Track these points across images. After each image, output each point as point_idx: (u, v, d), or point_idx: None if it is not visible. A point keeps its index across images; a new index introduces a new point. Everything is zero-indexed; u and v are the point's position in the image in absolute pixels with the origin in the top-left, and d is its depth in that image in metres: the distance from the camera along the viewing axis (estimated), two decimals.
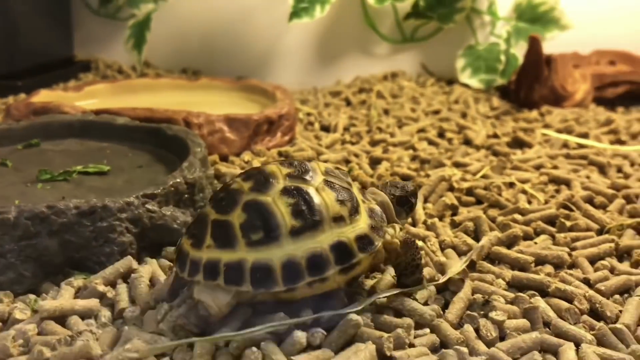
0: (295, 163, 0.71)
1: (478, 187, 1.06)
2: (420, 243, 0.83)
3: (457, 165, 1.17)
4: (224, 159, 1.17)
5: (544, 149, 1.28)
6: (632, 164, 1.21)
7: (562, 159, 1.22)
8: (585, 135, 1.35)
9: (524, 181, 1.10)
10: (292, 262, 0.65)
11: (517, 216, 0.94)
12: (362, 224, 0.69)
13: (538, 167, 1.17)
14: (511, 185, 1.09)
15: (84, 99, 1.40)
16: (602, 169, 1.18)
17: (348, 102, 1.70)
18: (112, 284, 0.76)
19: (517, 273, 0.79)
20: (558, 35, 1.77)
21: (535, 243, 0.89)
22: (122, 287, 0.75)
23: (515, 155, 1.22)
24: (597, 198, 1.02)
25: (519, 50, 1.74)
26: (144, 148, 1.08)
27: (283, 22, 1.74)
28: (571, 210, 0.98)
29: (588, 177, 1.12)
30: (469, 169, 1.14)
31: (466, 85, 1.80)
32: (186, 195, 0.88)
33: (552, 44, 1.76)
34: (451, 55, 1.86)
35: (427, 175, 1.11)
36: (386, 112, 1.57)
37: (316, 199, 0.67)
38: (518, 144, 1.31)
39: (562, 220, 0.93)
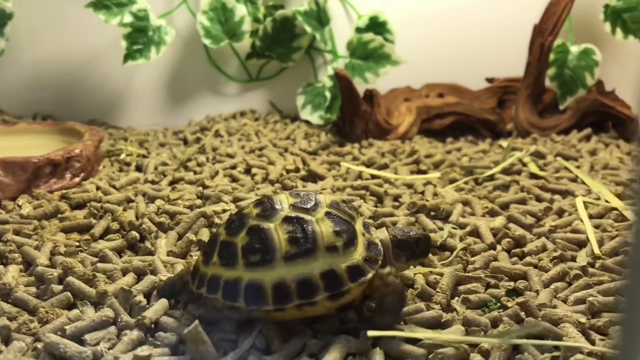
0: (303, 194, 0.76)
1: None
2: None
3: (236, 200, 1.18)
4: None
5: (336, 181, 1.30)
6: (415, 192, 1.24)
7: (348, 190, 1.24)
8: (384, 167, 1.38)
9: None
10: (282, 284, 0.70)
11: None
12: (356, 255, 0.73)
13: None
14: None
15: None
16: (380, 199, 1.20)
17: (185, 141, 1.70)
18: None
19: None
20: (391, 70, 1.81)
21: None
22: None
23: (297, 189, 1.23)
24: None
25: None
26: None
27: (132, 64, 1.74)
28: None
29: (359, 207, 1.14)
30: (243, 203, 1.15)
31: (308, 122, 1.83)
32: None
33: (388, 78, 1.81)
34: (296, 92, 1.89)
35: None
36: (215, 149, 1.58)
37: (313, 229, 0.72)
38: (312, 177, 1.33)
39: None
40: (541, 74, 1.64)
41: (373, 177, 1.32)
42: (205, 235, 1.01)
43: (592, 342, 0.75)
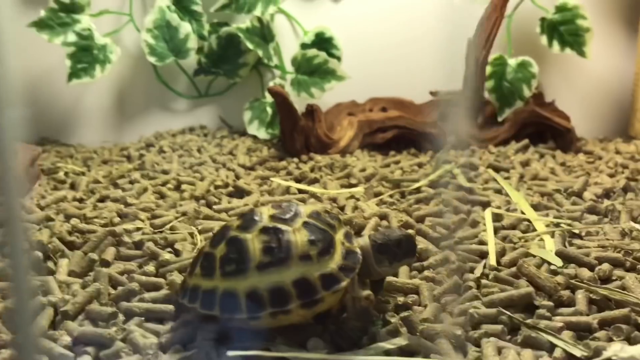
0: (284, 205, 0.79)
1: (153, 240, 1.07)
2: None
3: (153, 217, 1.18)
4: None
5: (262, 196, 1.30)
6: (337, 206, 1.24)
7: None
8: (314, 181, 1.39)
9: (208, 230, 1.11)
10: (255, 293, 0.72)
11: (151, 268, 0.95)
12: (332, 264, 0.74)
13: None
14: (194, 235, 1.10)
15: None
16: None
17: (129, 158, 1.71)
18: None
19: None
20: (340, 85, 1.82)
21: None
22: None
23: (219, 205, 1.24)
24: None
25: (302, 101, 1.79)
26: None
27: (77, 83, 1.76)
28: None
29: None
30: (158, 221, 1.15)
31: (255, 137, 1.84)
32: None
33: (336, 93, 1.82)
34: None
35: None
36: (153, 166, 1.59)
37: (287, 238, 0.74)
38: (239, 193, 1.33)
39: None
40: (479, 87, 1.65)
41: (300, 192, 1.32)
42: (110, 254, 1.01)
43: (465, 355, 0.75)
